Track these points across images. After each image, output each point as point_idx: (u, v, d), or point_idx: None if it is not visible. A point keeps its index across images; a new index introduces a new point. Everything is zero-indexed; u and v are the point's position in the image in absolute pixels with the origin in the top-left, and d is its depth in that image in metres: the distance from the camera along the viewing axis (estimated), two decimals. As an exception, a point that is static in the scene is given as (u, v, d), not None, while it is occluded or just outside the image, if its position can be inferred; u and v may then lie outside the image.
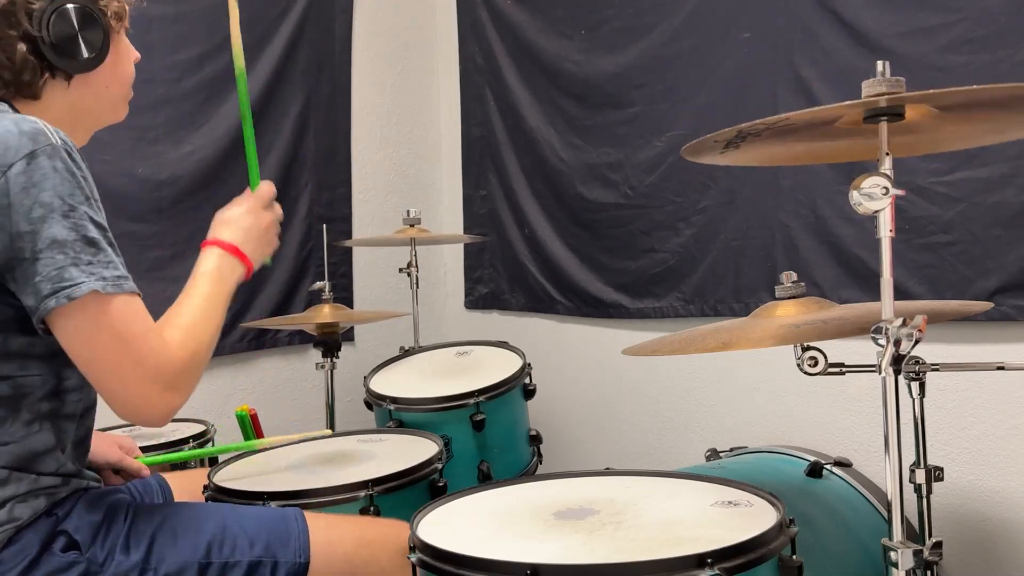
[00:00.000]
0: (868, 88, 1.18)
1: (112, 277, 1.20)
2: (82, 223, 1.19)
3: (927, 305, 1.62)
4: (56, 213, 1.17)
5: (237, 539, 1.33)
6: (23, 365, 1.24)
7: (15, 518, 1.22)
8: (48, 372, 1.27)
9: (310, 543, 1.37)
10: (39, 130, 1.20)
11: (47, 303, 1.16)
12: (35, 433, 1.26)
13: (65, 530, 1.24)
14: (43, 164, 1.18)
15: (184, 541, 1.30)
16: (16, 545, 1.21)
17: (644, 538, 1.20)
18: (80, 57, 1.33)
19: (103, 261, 1.20)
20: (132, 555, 1.26)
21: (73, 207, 1.19)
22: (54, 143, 1.20)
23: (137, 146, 2.66)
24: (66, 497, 1.28)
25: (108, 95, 1.41)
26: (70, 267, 1.17)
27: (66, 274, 1.17)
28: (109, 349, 1.20)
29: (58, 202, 1.18)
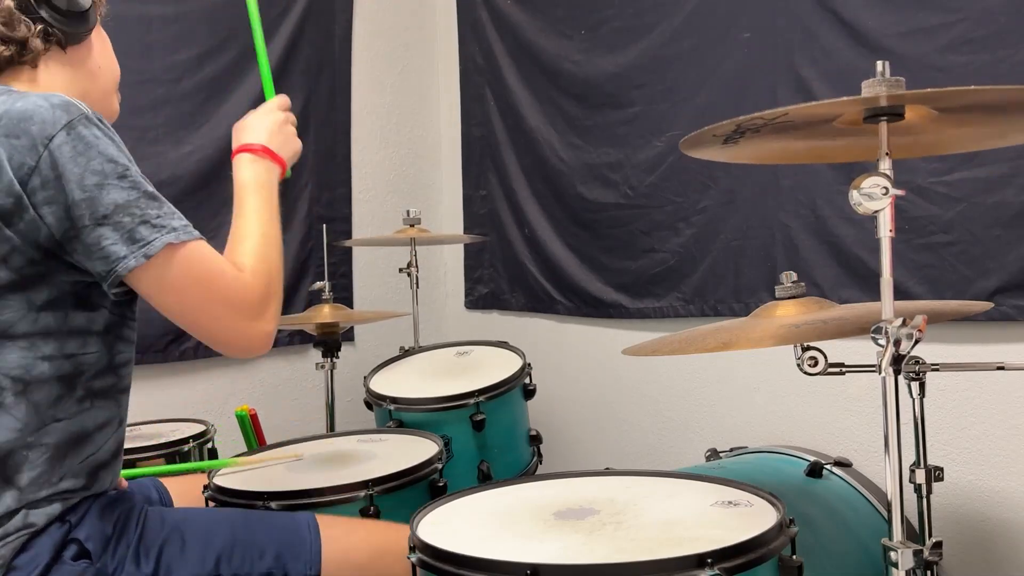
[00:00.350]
0: (868, 88, 1.18)
1: (181, 226, 1.23)
2: (138, 180, 1.22)
3: (927, 305, 1.62)
4: (111, 177, 1.19)
5: (247, 550, 1.32)
6: (84, 342, 1.26)
7: (30, 524, 1.22)
8: (103, 348, 1.28)
9: (322, 553, 1.36)
10: (69, 102, 1.22)
11: (126, 262, 1.18)
12: (87, 410, 1.27)
13: (77, 538, 1.24)
14: (84, 133, 1.19)
15: (194, 553, 1.30)
16: (29, 552, 1.21)
17: (644, 538, 1.20)
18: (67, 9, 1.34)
19: (168, 213, 1.23)
20: (142, 567, 1.26)
21: (126, 167, 1.21)
22: (86, 112, 1.22)
23: (137, 146, 2.64)
24: (79, 503, 1.27)
25: (100, 79, 1.42)
26: (139, 226, 1.20)
27: (137, 234, 1.19)
28: (194, 295, 1.23)
29: (110, 166, 1.20)
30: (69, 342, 1.25)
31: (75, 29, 1.36)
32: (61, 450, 1.25)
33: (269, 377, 2.99)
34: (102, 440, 1.29)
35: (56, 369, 1.24)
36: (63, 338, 1.24)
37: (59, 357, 1.24)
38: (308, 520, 1.41)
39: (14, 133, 1.18)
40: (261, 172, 1.41)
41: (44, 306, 1.22)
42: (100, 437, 1.29)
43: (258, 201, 1.38)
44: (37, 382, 1.23)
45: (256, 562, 1.32)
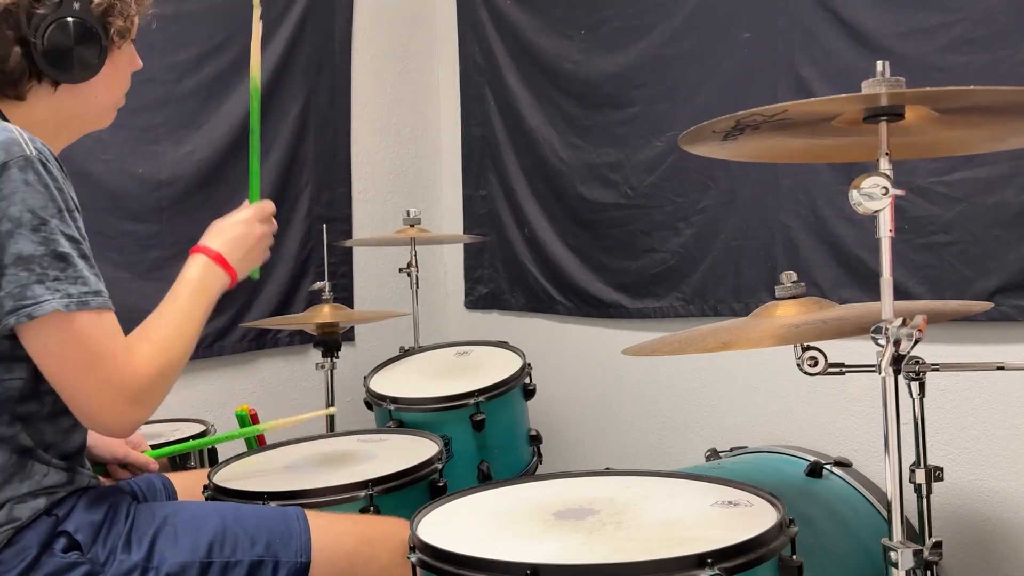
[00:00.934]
0: (868, 88, 1.18)
1: (78, 294, 1.19)
2: (53, 237, 1.18)
3: (927, 305, 1.62)
4: (24, 228, 1.16)
5: (238, 538, 1.33)
6: (8, 368, 1.24)
7: (14, 519, 1.22)
8: (30, 375, 1.25)
9: (311, 542, 1.37)
10: (13, 140, 1.18)
11: (7, 320, 1.16)
12: (19, 433, 1.25)
13: (66, 530, 1.24)
14: (14, 176, 1.16)
15: (185, 540, 1.30)
16: (15, 546, 1.21)
17: (644, 538, 1.20)
18: (70, 71, 1.32)
19: (71, 277, 1.19)
20: (134, 554, 1.26)
21: (44, 220, 1.17)
22: (27, 154, 1.18)
23: (137, 146, 2.66)
24: (65, 497, 1.27)
25: (95, 104, 1.40)
26: (34, 284, 1.16)
27: (29, 292, 1.16)
28: (74, 366, 1.20)
29: (27, 216, 1.16)
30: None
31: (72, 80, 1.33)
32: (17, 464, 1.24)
33: (269, 377, 2.99)
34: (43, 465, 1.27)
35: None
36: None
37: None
38: (296, 512, 1.42)
39: None
40: (207, 277, 1.39)
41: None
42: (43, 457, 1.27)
43: (190, 300, 1.35)
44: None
45: (247, 549, 1.33)
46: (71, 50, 1.31)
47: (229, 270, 1.41)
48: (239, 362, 2.90)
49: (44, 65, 1.30)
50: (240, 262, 1.43)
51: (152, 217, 2.69)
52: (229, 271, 1.41)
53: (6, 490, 1.22)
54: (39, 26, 1.28)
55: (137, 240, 2.65)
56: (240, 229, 1.45)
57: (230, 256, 1.42)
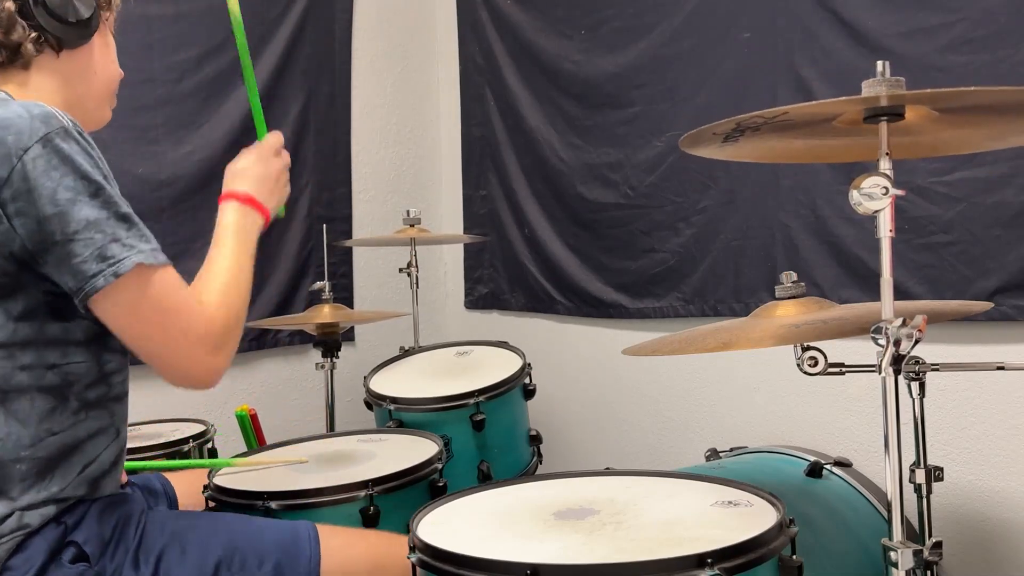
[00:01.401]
0: (868, 88, 1.18)
1: (150, 250, 1.22)
2: (111, 200, 1.20)
3: (927, 305, 1.62)
4: (84, 194, 1.18)
5: (247, 558, 1.32)
6: (65, 352, 1.25)
7: (24, 525, 1.21)
8: (90, 358, 1.27)
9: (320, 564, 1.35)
10: (50, 113, 1.20)
11: (94, 282, 1.17)
12: (82, 421, 1.27)
13: (75, 541, 1.23)
14: (60, 146, 1.18)
15: (192, 558, 1.29)
16: (24, 553, 1.20)
17: (644, 538, 1.20)
18: (68, 19, 1.32)
19: (139, 235, 1.22)
20: (141, 571, 1.25)
21: (100, 185, 1.20)
22: (66, 125, 1.20)
23: (137, 146, 2.66)
24: (75, 504, 1.26)
25: (95, 85, 1.40)
26: (111, 244, 1.18)
27: (108, 252, 1.18)
28: (156, 320, 1.22)
29: (83, 183, 1.18)
30: (48, 352, 1.23)
31: (71, 36, 1.34)
32: (53, 462, 1.24)
33: (269, 377, 2.99)
34: (95, 450, 1.28)
35: (36, 379, 1.23)
36: (41, 348, 1.23)
37: (39, 367, 1.23)
38: (308, 530, 1.40)
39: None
40: (244, 220, 1.41)
41: (20, 316, 1.21)
42: (92, 447, 1.28)
43: (235, 244, 1.37)
44: (15, 392, 1.22)
45: (255, 570, 1.31)
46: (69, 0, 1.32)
47: (261, 209, 1.43)
48: (239, 362, 2.89)
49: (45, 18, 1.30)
50: (268, 200, 1.45)
51: (152, 217, 2.69)
52: (261, 211, 1.43)
53: (24, 497, 1.22)
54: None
55: (137, 240, 2.64)
56: (259, 168, 1.46)
57: (258, 195, 1.43)
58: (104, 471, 1.30)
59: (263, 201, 1.44)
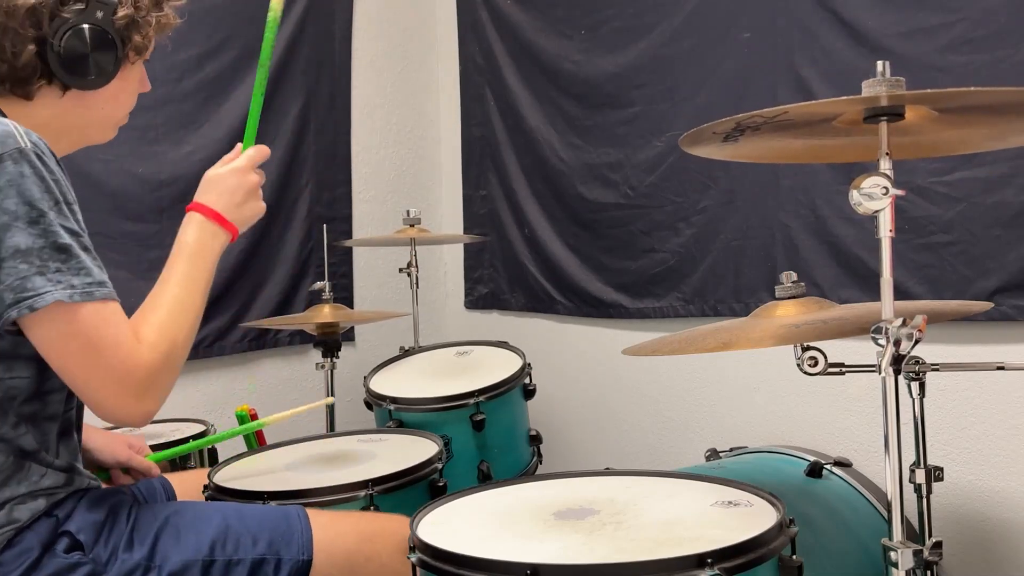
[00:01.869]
0: (868, 88, 1.18)
1: (81, 284, 1.18)
2: (52, 229, 1.17)
3: (927, 305, 1.62)
4: (21, 220, 1.15)
5: (240, 537, 1.33)
6: (9, 367, 1.23)
7: (14, 520, 1.22)
8: (34, 374, 1.25)
9: (313, 540, 1.37)
10: (7, 132, 1.18)
11: (9, 313, 1.15)
12: (23, 435, 1.25)
13: (68, 531, 1.24)
14: (8, 169, 1.16)
15: (187, 539, 1.30)
16: (16, 547, 1.21)
17: (644, 538, 1.20)
18: (82, 77, 1.32)
19: (74, 268, 1.18)
20: (136, 553, 1.26)
21: (42, 212, 1.16)
22: (22, 146, 1.17)
23: (137, 146, 2.66)
24: (66, 498, 1.27)
25: (99, 115, 1.39)
26: (35, 276, 1.15)
27: (29, 284, 1.15)
28: (79, 358, 1.19)
29: (23, 208, 1.15)
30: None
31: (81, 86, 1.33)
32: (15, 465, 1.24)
33: (269, 377, 2.99)
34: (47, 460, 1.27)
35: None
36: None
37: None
38: (297, 510, 1.42)
39: None
40: (206, 237, 1.37)
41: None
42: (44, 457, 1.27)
43: (189, 267, 1.33)
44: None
45: (250, 548, 1.33)
46: (87, 56, 1.31)
47: (227, 226, 1.39)
48: (239, 362, 2.90)
49: (56, 67, 1.30)
50: (238, 216, 1.40)
51: (152, 217, 2.69)
52: (227, 227, 1.39)
53: (4, 491, 1.22)
54: (59, 28, 1.28)
55: (137, 240, 2.64)
56: (234, 180, 1.42)
57: (227, 211, 1.39)
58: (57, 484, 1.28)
59: (231, 218, 1.39)
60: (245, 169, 1.44)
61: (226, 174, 1.42)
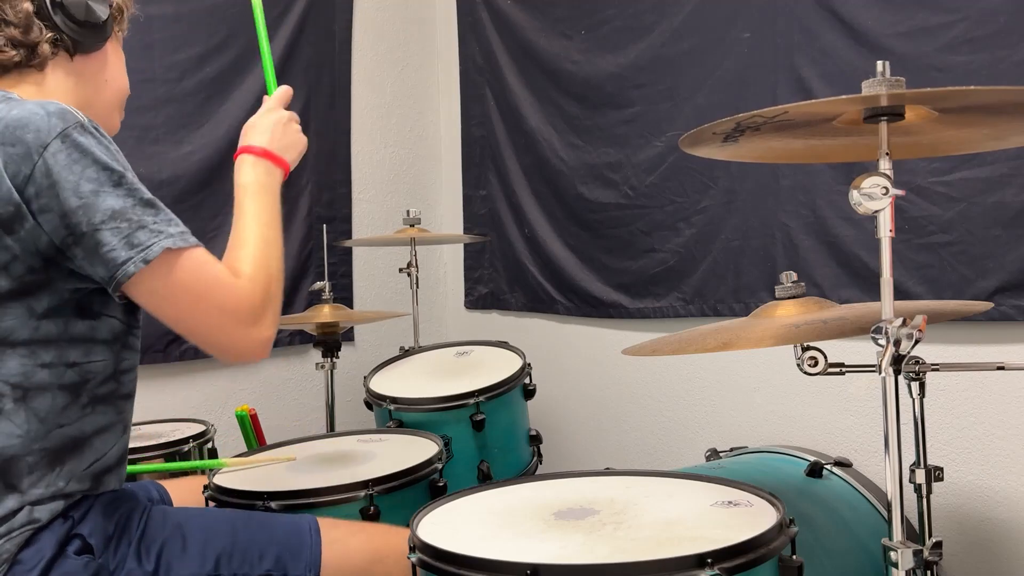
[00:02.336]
0: (868, 88, 1.18)
1: (178, 232, 1.23)
2: (134, 187, 1.21)
3: (927, 305, 1.62)
4: (107, 184, 1.19)
5: (248, 552, 1.33)
6: (88, 351, 1.26)
7: (34, 519, 1.23)
8: (110, 356, 1.29)
9: (322, 556, 1.36)
10: (65, 109, 1.22)
11: (125, 269, 1.18)
12: (88, 415, 1.28)
13: (80, 533, 1.25)
14: (79, 140, 1.19)
15: (194, 551, 1.30)
16: (34, 546, 1.22)
17: (644, 538, 1.21)
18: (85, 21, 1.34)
19: (165, 219, 1.23)
20: (143, 565, 1.26)
21: (121, 175, 1.21)
22: (82, 120, 1.22)
23: (137, 146, 2.66)
24: (81, 499, 1.28)
25: (107, 92, 1.43)
26: (137, 231, 1.19)
27: (135, 239, 1.19)
28: (190, 302, 1.23)
29: (105, 174, 1.19)
30: (71, 350, 1.25)
31: (87, 39, 1.36)
32: (62, 455, 1.25)
33: (269, 377, 2.99)
34: (104, 446, 1.30)
35: (56, 376, 1.24)
36: (64, 346, 1.24)
37: (59, 365, 1.24)
38: (310, 523, 1.41)
39: (10, 141, 1.18)
40: (261, 175, 1.40)
41: (45, 314, 1.23)
42: (100, 443, 1.29)
43: (257, 205, 1.37)
44: (36, 389, 1.23)
45: (256, 563, 1.32)
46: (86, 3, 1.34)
47: (278, 161, 1.43)
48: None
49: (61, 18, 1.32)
50: (284, 150, 1.45)
51: (152, 217, 2.69)
52: (278, 162, 1.43)
53: (30, 493, 1.23)
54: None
55: (137, 240, 2.64)
56: (271, 118, 1.47)
57: (273, 146, 1.43)
58: (109, 467, 1.31)
59: (278, 152, 1.43)
60: (275, 108, 1.50)
61: (259, 117, 1.48)
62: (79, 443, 1.27)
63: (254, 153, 1.42)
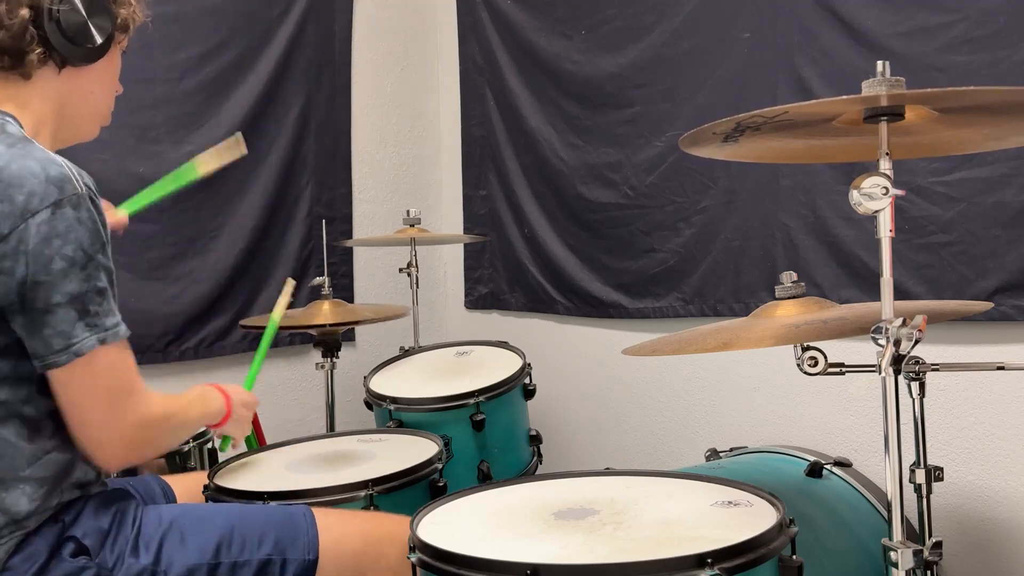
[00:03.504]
0: (868, 88, 1.18)
1: (112, 326, 1.23)
2: (96, 273, 1.21)
3: (927, 305, 1.62)
4: (76, 266, 1.19)
5: (246, 538, 1.34)
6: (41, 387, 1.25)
7: (22, 525, 1.22)
8: None
9: (318, 540, 1.37)
10: (65, 176, 1.20)
11: (57, 358, 1.19)
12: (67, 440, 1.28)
13: (73, 536, 1.25)
14: (68, 215, 1.18)
15: (193, 542, 1.31)
16: (24, 552, 1.22)
17: (644, 538, 1.21)
18: (78, 43, 1.33)
19: (105, 310, 1.23)
20: (142, 558, 1.27)
21: (91, 258, 1.21)
22: (79, 192, 1.20)
23: (137, 145, 2.66)
24: (71, 502, 1.28)
25: (91, 103, 1.41)
26: (78, 323, 1.20)
27: (75, 331, 1.19)
28: (100, 397, 1.25)
29: (80, 255, 1.19)
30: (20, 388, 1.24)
31: (77, 58, 1.34)
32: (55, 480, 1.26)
33: (269, 377, 2.99)
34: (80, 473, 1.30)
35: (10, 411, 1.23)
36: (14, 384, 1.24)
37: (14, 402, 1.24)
38: (304, 510, 1.43)
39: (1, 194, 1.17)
40: (211, 398, 1.53)
41: None
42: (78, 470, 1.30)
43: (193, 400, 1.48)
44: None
45: (255, 549, 1.33)
46: (85, 23, 1.33)
47: (227, 413, 1.55)
48: (239, 362, 2.90)
49: (54, 33, 1.30)
50: (234, 418, 1.57)
51: (152, 217, 2.69)
52: (227, 412, 1.55)
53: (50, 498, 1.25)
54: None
55: (137, 240, 2.64)
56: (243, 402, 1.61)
57: (232, 414, 1.56)
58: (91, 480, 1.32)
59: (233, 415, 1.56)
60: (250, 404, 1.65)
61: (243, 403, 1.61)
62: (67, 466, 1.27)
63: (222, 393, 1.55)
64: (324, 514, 1.43)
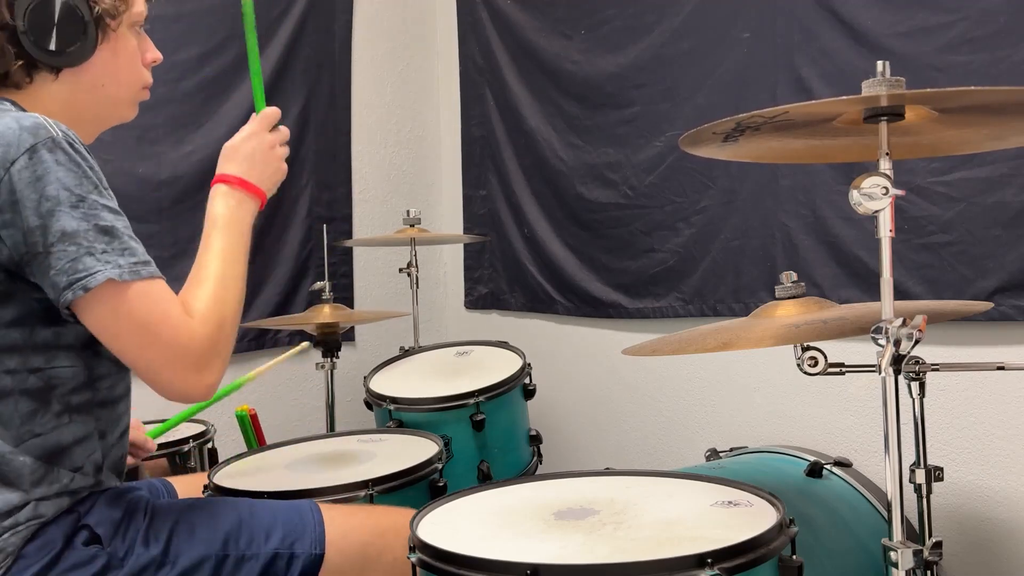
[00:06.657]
0: (868, 88, 1.18)
1: (128, 264, 1.20)
2: (93, 212, 1.19)
3: (927, 305, 1.62)
4: (64, 205, 1.17)
5: (254, 532, 1.34)
6: (51, 357, 1.25)
7: (39, 515, 1.23)
8: (79, 363, 1.27)
9: (326, 534, 1.37)
10: (39, 124, 1.20)
11: (65, 295, 1.17)
12: (65, 425, 1.27)
13: (87, 524, 1.26)
14: (45, 157, 1.18)
15: (201, 534, 1.31)
16: (39, 540, 1.23)
17: (644, 538, 1.21)
18: (56, 53, 1.31)
19: (118, 248, 1.20)
20: (151, 549, 1.28)
21: (82, 197, 1.19)
22: (54, 135, 1.19)
23: (137, 146, 2.66)
24: (87, 496, 1.29)
25: (104, 94, 1.38)
26: (84, 257, 1.17)
27: (80, 264, 1.17)
28: (133, 337, 1.21)
29: (64, 194, 1.18)
30: (33, 357, 1.24)
31: (62, 62, 1.32)
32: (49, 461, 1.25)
33: (269, 377, 2.98)
34: (83, 454, 1.29)
35: (19, 383, 1.23)
36: (28, 353, 1.23)
37: (23, 371, 1.23)
38: (311, 505, 1.43)
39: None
40: (233, 207, 1.36)
41: (11, 323, 1.22)
42: (80, 452, 1.28)
43: (223, 241, 1.32)
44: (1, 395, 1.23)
45: (263, 543, 1.33)
46: (52, 29, 1.30)
47: (254, 191, 1.38)
48: (239, 362, 2.89)
49: (30, 47, 1.29)
50: (261, 179, 1.40)
51: (152, 217, 2.70)
52: (254, 192, 1.38)
53: (34, 491, 1.24)
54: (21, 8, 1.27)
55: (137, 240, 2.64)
56: (251, 144, 1.41)
57: (250, 175, 1.38)
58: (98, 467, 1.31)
59: (256, 182, 1.38)
60: (259, 132, 1.43)
61: (240, 141, 1.42)
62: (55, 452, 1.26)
63: (229, 183, 1.37)
64: (330, 508, 1.44)
